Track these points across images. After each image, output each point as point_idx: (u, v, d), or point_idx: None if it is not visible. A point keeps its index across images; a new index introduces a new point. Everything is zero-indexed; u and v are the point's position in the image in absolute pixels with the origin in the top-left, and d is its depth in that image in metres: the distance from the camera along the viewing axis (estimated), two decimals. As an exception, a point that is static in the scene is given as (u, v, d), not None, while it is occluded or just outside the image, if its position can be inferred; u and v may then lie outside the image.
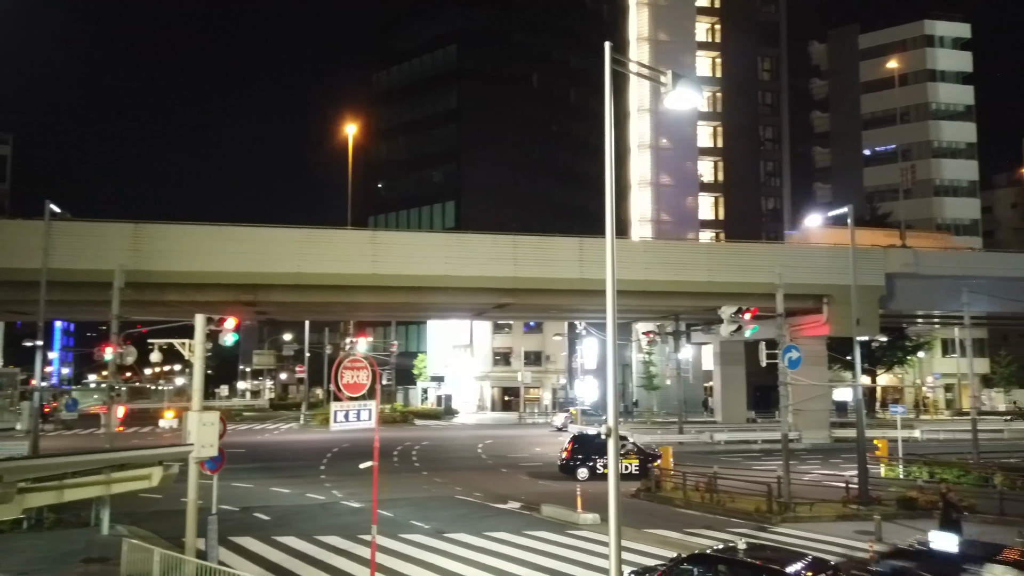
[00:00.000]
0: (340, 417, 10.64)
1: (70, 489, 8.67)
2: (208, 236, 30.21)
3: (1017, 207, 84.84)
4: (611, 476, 8.02)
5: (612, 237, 8.48)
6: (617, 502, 8.23)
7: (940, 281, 38.53)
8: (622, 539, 19.26)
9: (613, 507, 7.95)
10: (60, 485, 8.50)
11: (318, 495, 25.54)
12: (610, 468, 7.97)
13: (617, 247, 33.27)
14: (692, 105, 9.15)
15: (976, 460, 27.69)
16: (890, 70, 74.75)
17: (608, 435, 7.93)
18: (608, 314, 8.42)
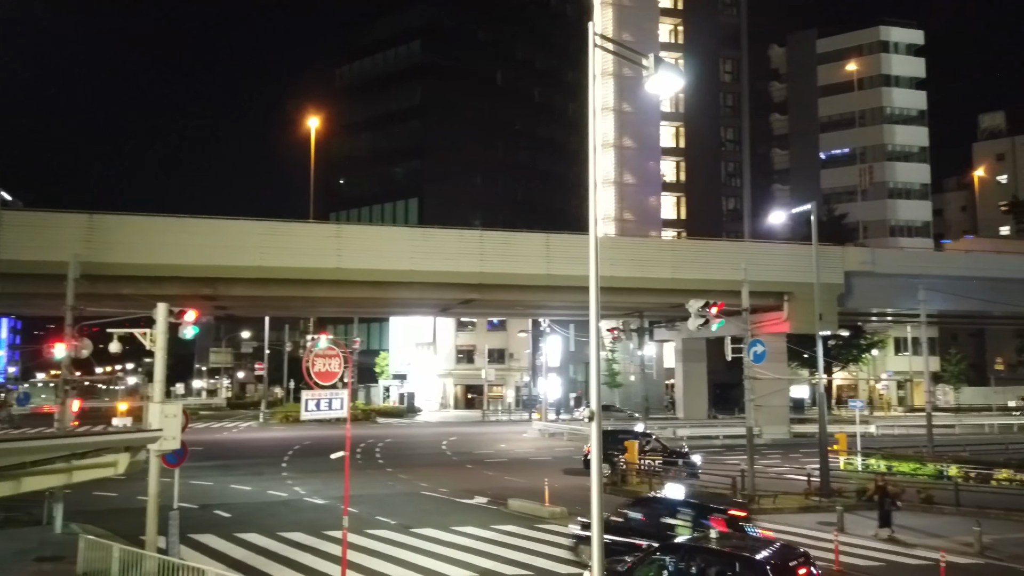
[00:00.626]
0: (312, 406, 10.39)
1: (30, 478, 8.29)
2: (166, 228, 29.44)
3: (966, 210, 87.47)
4: (593, 464, 7.94)
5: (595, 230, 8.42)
6: (599, 491, 8.16)
7: (895, 279, 39.47)
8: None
9: (595, 495, 7.88)
10: (19, 474, 8.12)
11: (280, 492, 25.06)
12: (593, 455, 7.89)
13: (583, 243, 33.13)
14: (674, 90, 9.12)
15: (931, 453, 28.41)
16: (846, 74, 76.45)
17: (591, 418, 7.86)
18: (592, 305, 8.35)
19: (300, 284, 31.44)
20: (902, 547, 17.51)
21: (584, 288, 31.86)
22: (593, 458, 7.83)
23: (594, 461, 7.81)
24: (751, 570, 11.12)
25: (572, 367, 65.61)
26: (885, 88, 75.04)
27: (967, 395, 66.39)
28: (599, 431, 7.92)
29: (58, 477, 8.07)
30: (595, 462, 7.79)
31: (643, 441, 28.73)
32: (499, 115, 70.15)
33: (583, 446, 38.17)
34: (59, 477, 8.05)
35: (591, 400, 7.99)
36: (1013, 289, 41.07)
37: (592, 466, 7.98)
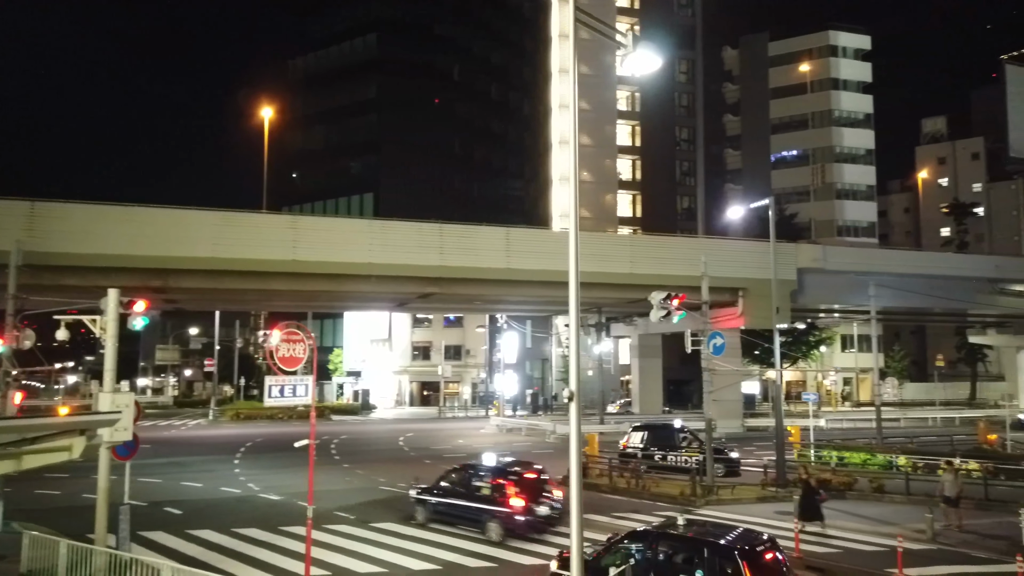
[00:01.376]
0: (275, 392, 10.04)
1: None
2: (114, 217, 28.37)
3: (909, 212, 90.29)
4: (572, 450, 7.80)
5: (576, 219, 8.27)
6: (578, 479, 8.02)
7: (845, 276, 40.38)
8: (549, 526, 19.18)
9: (575, 482, 7.75)
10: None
11: (233, 488, 24.42)
12: (571, 440, 7.76)
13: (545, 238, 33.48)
14: (652, 69, 9.05)
15: (880, 445, 29.12)
16: (796, 77, 78.11)
17: (571, 399, 7.72)
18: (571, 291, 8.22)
19: (254, 276, 30.67)
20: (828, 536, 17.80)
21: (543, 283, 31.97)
22: (572, 448, 7.70)
23: (572, 448, 7.68)
24: (719, 555, 11.17)
25: (528, 363, 65.64)
26: (834, 91, 76.89)
27: (910, 391, 68.56)
28: (579, 413, 7.79)
29: (7, 463, 7.58)
30: (573, 448, 7.66)
31: (679, 436, 28.11)
32: (455, 111, 69.77)
33: (544, 440, 38.33)
34: (8, 463, 7.56)
35: (570, 382, 7.87)
36: (954, 287, 42.44)
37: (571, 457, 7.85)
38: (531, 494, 17.31)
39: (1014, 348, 59.44)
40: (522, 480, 17.50)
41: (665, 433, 28.56)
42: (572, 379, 7.80)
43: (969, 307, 47.18)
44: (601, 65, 68.68)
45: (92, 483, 24.32)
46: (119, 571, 11.85)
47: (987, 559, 15.93)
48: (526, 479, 17.60)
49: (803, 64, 77.52)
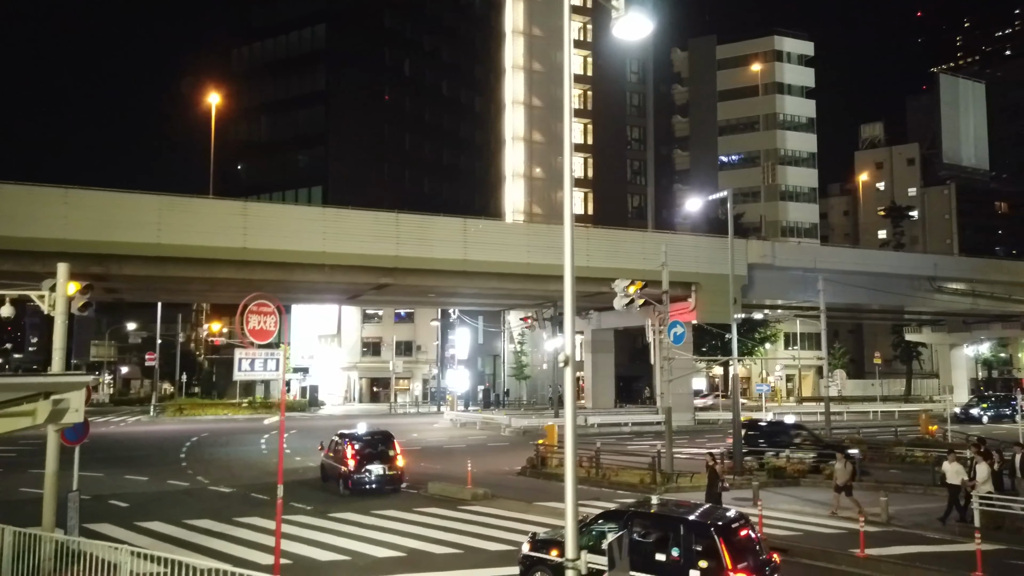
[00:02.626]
0: (245, 365, 9.57)
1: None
2: (50, 198, 27.04)
3: (848, 214, 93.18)
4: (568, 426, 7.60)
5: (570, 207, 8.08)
6: (573, 459, 7.81)
7: (792, 273, 41.38)
8: (512, 514, 19.07)
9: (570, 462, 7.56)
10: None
11: (181, 482, 23.52)
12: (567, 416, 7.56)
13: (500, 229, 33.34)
14: (643, 34, 8.86)
15: (829, 435, 29.83)
16: (743, 80, 79.80)
17: (566, 364, 7.53)
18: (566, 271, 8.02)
19: (201, 264, 29.66)
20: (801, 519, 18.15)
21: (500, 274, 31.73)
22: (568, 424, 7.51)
23: (568, 425, 7.48)
24: (695, 531, 11.13)
25: (480, 360, 65.34)
26: (779, 95, 78.82)
27: (848, 387, 70.46)
28: (573, 379, 7.60)
29: (-43, 433, 6.97)
30: (569, 425, 7.47)
31: (793, 433, 26.47)
32: (406, 106, 69.01)
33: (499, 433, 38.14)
34: (-42, 433, 6.95)
35: (565, 347, 7.67)
36: (895, 284, 43.90)
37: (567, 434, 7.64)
38: (366, 459, 21.17)
39: (947, 345, 61.92)
40: (362, 447, 21.47)
41: (770, 430, 26.85)
42: (567, 346, 7.60)
43: (908, 304, 48.84)
44: (553, 62, 68.95)
45: (28, 478, 23.25)
46: (70, 559, 11.19)
47: (940, 539, 16.37)
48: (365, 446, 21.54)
49: (749, 68, 79.25)
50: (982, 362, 73.38)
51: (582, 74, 71.37)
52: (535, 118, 68.16)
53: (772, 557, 11.63)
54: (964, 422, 41.31)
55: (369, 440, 21.82)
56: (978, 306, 49.92)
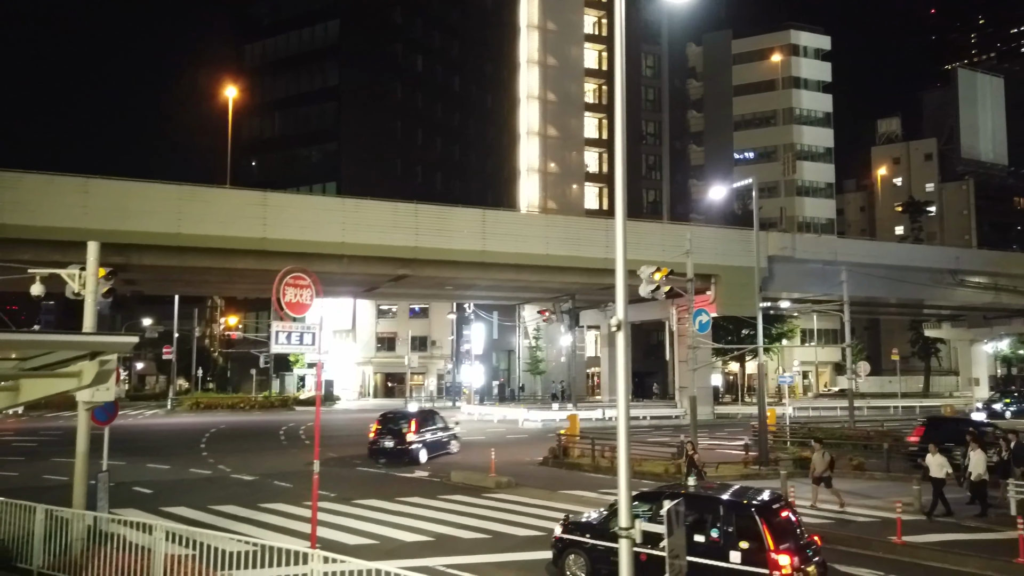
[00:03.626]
0: (282, 339, 9.42)
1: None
2: (70, 187, 27.04)
3: (864, 210, 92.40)
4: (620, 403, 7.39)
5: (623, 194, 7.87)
6: (626, 436, 7.61)
7: (811, 265, 40.96)
8: (537, 501, 18.90)
9: (623, 430, 7.37)
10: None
11: (203, 470, 23.48)
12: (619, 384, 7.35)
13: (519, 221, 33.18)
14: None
15: (852, 428, 29.54)
16: (759, 75, 79.25)
17: (618, 328, 7.33)
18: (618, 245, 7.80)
19: (221, 254, 29.60)
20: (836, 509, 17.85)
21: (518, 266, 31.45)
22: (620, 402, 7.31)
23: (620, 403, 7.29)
24: (735, 512, 10.91)
25: (495, 355, 65.19)
26: (795, 90, 78.21)
27: (865, 383, 69.96)
28: (627, 345, 7.41)
29: (4, 395, 6.84)
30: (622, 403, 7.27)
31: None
32: (418, 103, 68.95)
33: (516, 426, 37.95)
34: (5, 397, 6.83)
35: (618, 308, 7.47)
36: (915, 278, 43.38)
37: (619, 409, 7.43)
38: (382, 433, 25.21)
39: (967, 341, 61.22)
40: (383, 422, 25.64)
41: (951, 428, 24.60)
42: (620, 309, 7.40)
43: (928, 298, 48.28)
44: (568, 57, 68.67)
45: (51, 465, 23.28)
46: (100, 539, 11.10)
47: (976, 527, 16.07)
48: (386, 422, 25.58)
49: (765, 62, 78.67)
50: (1001, 359, 72.54)
51: (597, 68, 71.08)
52: (549, 113, 67.90)
53: (813, 539, 11.39)
54: (987, 417, 40.76)
55: (392, 418, 25.77)
56: (1000, 300, 49.29)
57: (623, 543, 6.86)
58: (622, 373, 7.28)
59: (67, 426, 37.99)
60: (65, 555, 10.95)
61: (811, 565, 10.73)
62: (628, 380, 7.43)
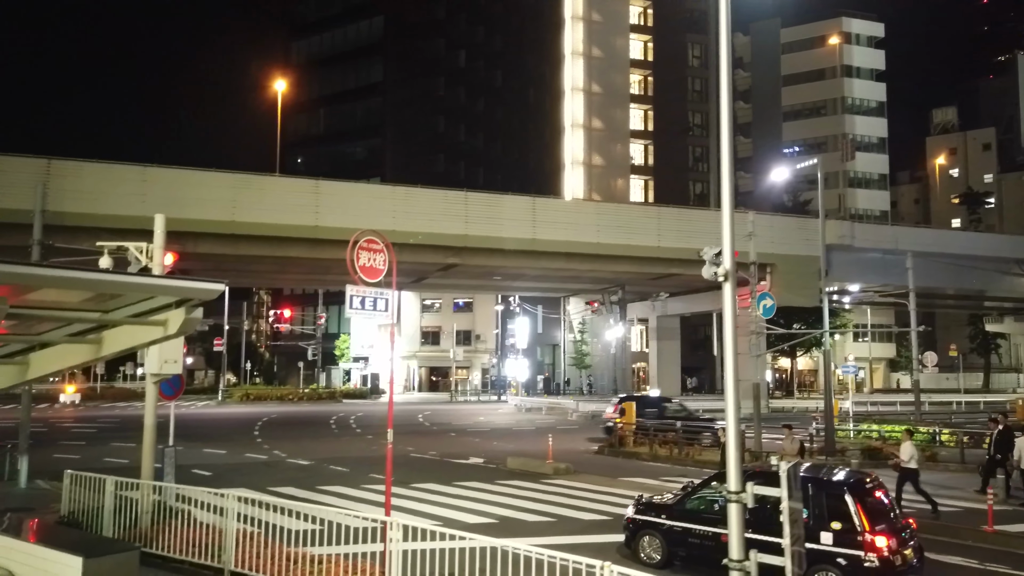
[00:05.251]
0: (356, 303, 9.14)
1: (45, 354, 6.85)
2: (129, 176, 27.41)
3: (919, 203, 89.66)
4: (728, 371, 6.90)
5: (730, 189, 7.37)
6: (736, 400, 7.15)
7: (870, 254, 39.69)
8: (597, 487, 18.45)
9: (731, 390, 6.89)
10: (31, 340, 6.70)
11: (258, 455, 23.54)
12: (727, 361, 6.87)
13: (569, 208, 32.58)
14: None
15: (918, 420, 28.53)
16: (809, 64, 77.37)
17: (725, 279, 6.86)
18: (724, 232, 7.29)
19: (274, 242, 29.74)
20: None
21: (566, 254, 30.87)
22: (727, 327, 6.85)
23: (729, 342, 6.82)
24: (827, 491, 10.31)
25: (539, 349, 64.80)
26: (847, 79, 76.16)
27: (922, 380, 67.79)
28: (733, 295, 6.94)
29: (85, 350, 6.63)
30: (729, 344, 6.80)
31: None
32: (460, 97, 68.88)
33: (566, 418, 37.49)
34: (86, 350, 6.61)
35: (724, 260, 7.00)
36: (979, 267, 41.74)
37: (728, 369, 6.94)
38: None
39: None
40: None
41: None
42: (727, 259, 6.93)
43: (991, 290, 46.49)
44: (612, 48, 67.87)
45: (111, 450, 23.55)
46: (166, 513, 11.00)
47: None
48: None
49: (816, 51, 76.78)
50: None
51: (642, 59, 70.15)
52: (594, 105, 67.16)
53: (908, 522, 10.73)
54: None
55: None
56: (1069, 292, 47.26)
57: (733, 507, 6.39)
58: (730, 336, 6.82)
59: (123, 414, 38.71)
60: (135, 527, 10.86)
61: (907, 548, 10.10)
62: (735, 345, 6.94)
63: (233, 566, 9.54)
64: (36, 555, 6.44)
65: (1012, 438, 16.75)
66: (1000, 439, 16.94)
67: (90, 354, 6.64)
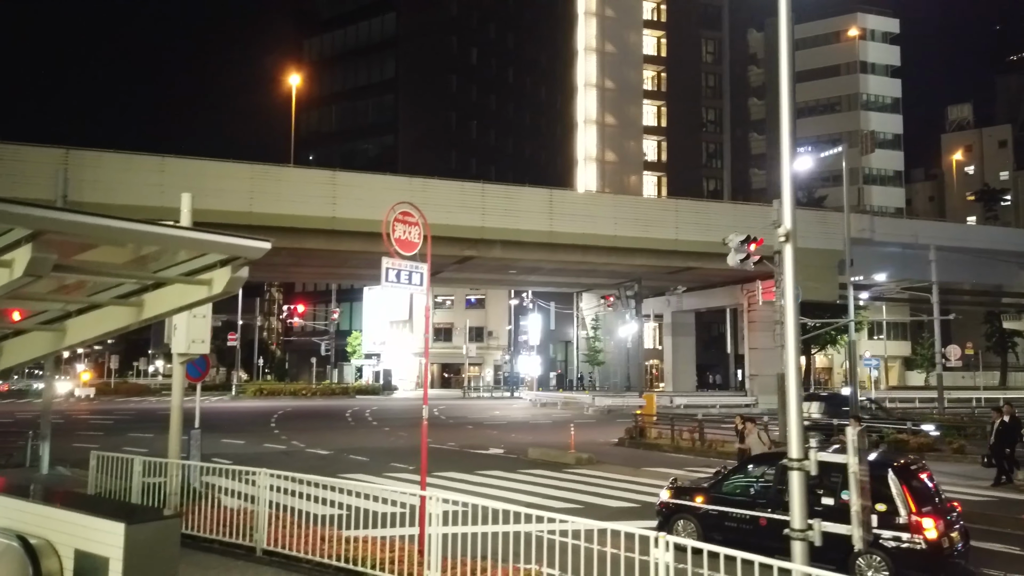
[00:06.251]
0: (392, 276, 8.98)
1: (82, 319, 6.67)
2: (148, 167, 27.37)
3: (934, 200, 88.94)
4: (788, 330, 6.67)
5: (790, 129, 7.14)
6: (795, 365, 6.90)
7: (889, 249, 39.29)
8: (622, 476, 18.24)
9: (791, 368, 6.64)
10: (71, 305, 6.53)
11: (277, 445, 23.48)
12: (787, 315, 6.64)
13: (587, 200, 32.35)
14: None
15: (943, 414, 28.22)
16: (824, 60, 76.82)
17: (786, 239, 6.63)
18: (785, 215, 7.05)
19: (291, 234, 29.59)
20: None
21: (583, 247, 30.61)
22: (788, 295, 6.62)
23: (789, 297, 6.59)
24: (870, 472, 10.01)
25: (552, 346, 64.57)
26: (862, 75, 75.61)
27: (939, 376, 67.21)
28: (792, 256, 6.71)
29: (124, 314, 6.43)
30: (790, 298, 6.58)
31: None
32: (472, 94, 68.73)
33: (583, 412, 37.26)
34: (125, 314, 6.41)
35: (784, 218, 6.77)
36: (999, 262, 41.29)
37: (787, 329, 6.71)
38: None
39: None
40: None
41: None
42: (786, 217, 6.70)
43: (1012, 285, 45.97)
44: (626, 44, 67.59)
45: (129, 440, 23.48)
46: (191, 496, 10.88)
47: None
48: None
49: (830, 47, 76.23)
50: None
51: (655, 55, 69.83)
52: (607, 101, 66.93)
53: (954, 505, 10.47)
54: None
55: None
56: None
57: (795, 475, 6.17)
58: (790, 303, 6.58)
59: (139, 408, 38.74)
60: (163, 506, 10.73)
61: (954, 531, 9.84)
62: (795, 308, 6.70)
63: (266, 544, 9.39)
64: (76, 523, 6.26)
65: (1019, 427, 17.04)
66: (1003, 429, 17.07)
67: (131, 317, 6.44)
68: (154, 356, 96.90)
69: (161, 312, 6.43)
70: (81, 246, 5.53)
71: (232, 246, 5.71)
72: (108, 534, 5.94)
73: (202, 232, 5.55)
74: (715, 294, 42.96)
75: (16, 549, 6.11)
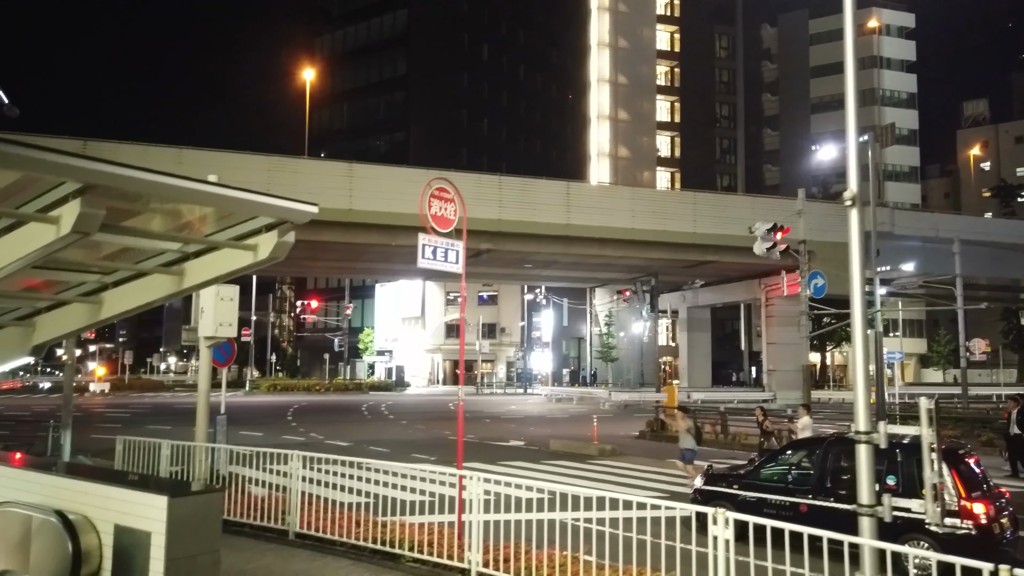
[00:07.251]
0: (428, 253, 8.79)
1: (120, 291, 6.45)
2: (165, 158, 27.24)
3: (949, 196, 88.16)
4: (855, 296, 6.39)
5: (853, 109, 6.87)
6: (863, 335, 6.63)
7: (909, 243, 38.86)
8: (647, 467, 18.00)
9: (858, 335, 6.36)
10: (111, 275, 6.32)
11: (296, 437, 23.35)
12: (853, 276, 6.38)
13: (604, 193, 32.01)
14: None
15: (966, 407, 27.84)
16: (837, 56, 76.08)
17: (852, 203, 6.38)
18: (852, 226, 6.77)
19: (307, 226, 28.91)
20: None
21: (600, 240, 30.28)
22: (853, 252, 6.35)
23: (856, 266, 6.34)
24: (915, 456, 9.78)
25: (564, 343, 64.30)
26: (877, 70, 74.95)
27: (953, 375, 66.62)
28: (861, 227, 6.46)
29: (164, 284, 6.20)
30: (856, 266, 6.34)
31: None
32: (483, 92, 68.53)
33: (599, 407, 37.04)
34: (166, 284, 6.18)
35: (849, 182, 6.52)
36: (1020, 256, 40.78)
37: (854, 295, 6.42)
38: None
39: (1070, 330, 57.48)
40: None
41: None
42: (852, 180, 6.44)
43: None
44: (639, 39, 67.23)
45: (147, 431, 23.26)
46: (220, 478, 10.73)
47: None
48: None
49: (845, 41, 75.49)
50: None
51: (669, 50, 69.42)
52: (620, 96, 66.58)
53: (1002, 491, 10.18)
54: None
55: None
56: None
57: (863, 449, 5.93)
58: (857, 263, 6.34)
59: (154, 402, 38.76)
60: (192, 490, 10.56)
61: (1004, 518, 9.56)
62: (863, 274, 6.45)
63: (298, 527, 9.22)
64: (115, 497, 6.05)
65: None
66: (1021, 418, 16.93)
67: (171, 287, 6.20)
68: (166, 353, 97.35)
69: (203, 280, 6.19)
70: (124, 212, 5.32)
71: (284, 209, 5.48)
72: (150, 508, 5.75)
73: (254, 194, 5.32)
74: (732, 289, 42.57)
75: (54, 524, 5.93)
